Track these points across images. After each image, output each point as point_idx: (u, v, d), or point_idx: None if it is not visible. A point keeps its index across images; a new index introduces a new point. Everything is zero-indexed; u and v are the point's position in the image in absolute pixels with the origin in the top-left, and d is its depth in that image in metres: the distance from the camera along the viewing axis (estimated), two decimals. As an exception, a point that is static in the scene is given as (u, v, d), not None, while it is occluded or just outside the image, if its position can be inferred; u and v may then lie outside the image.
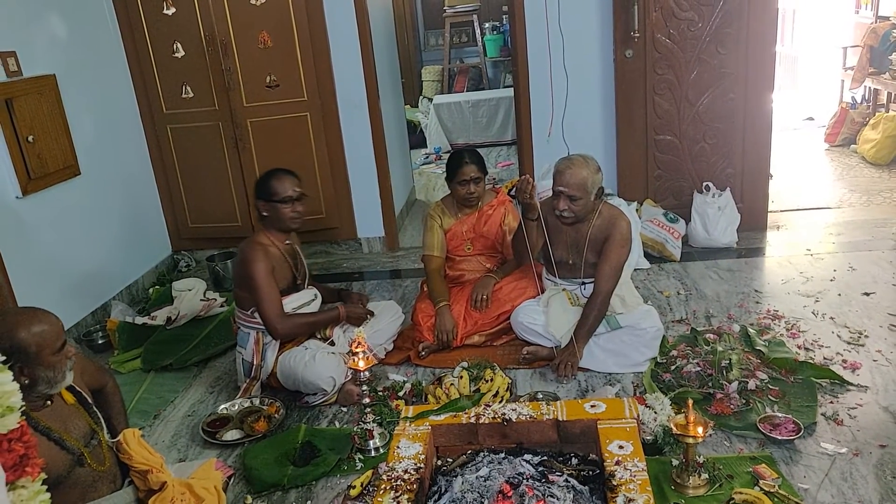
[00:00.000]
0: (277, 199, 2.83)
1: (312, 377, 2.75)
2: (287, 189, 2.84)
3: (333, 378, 2.78)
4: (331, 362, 2.81)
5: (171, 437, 2.77)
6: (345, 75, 4.32)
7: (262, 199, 2.85)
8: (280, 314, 2.81)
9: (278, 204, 2.83)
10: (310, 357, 2.80)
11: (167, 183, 4.62)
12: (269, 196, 2.84)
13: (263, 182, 2.87)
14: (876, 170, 5.46)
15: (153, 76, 4.39)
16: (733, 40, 3.97)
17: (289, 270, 2.92)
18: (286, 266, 2.91)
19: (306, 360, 2.79)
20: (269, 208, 2.85)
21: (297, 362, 2.80)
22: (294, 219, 2.87)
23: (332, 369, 2.78)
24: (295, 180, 2.88)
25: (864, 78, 6.16)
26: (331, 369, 2.78)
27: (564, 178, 2.81)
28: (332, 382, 2.78)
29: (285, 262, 2.91)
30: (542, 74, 4.23)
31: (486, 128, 7.75)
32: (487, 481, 2.07)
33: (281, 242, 2.91)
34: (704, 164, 4.22)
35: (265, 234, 2.89)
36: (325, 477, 2.38)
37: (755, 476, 2.13)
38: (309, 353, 2.83)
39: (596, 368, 2.90)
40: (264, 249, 2.83)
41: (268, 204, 2.84)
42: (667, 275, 3.83)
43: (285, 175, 2.89)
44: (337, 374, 2.79)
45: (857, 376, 2.67)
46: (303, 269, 3.03)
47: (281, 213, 2.84)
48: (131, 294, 4.20)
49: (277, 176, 2.87)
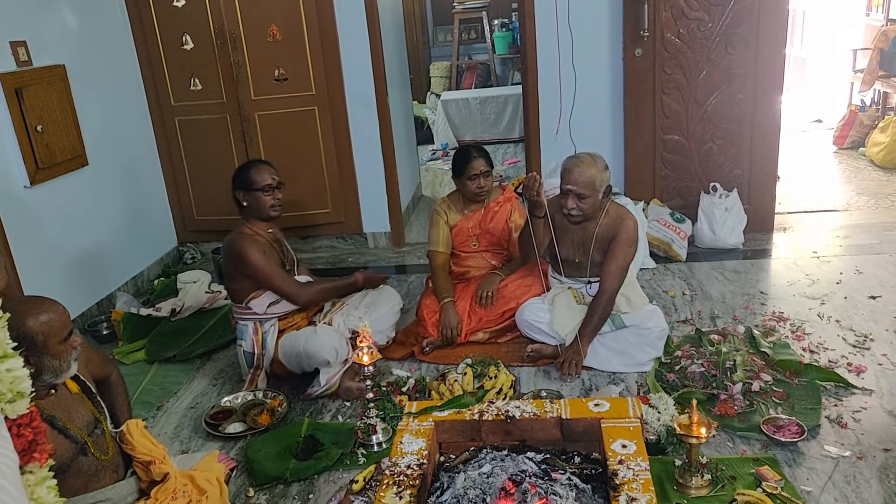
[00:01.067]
0: (257, 188, 2.86)
1: (316, 348, 2.77)
2: (266, 178, 2.87)
3: (336, 348, 2.79)
4: (333, 333, 2.85)
5: (174, 428, 2.78)
6: (353, 70, 4.32)
7: (242, 189, 2.88)
8: (296, 283, 2.91)
9: (258, 193, 2.86)
10: (311, 331, 2.85)
11: (174, 175, 4.63)
12: (248, 186, 2.87)
13: (241, 172, 2.91)
14: (884, 173, 5.44)
15: (162, 68, 4.40)
16: (743, 41, 3.96)
17: (277, 257, 2.94)
18: (274, 253, 2.93)
19: (308, 334, 2.83)
20: (249, 198, 2.88)
21: (299, 337, 2.84)
22: (274, 207, 2.90)
23: (334, 339, 2.81)
24: (273, 169, 2.93)
25: (874, 81, 6.13)
26: (333, 339, 2.80)
27: (573, 176, 2.80)
28: (334, 353, 2.78)
29: (273, 250, 2.93)
30: (550, 72, 4.22)
31: (493, 125, 7.74)
32: (490, 478, 2.07)
33: (264, 231, 2.94)
34: (712, 165, 4.20)
35: (247, 224, 2.92)
36: (327, 471, 2.38)
37: (758, 478, 2.13)
38: (310, 328, 2.89)
39: (600, 367, 2.90)
40: (251, 238, 2.86)
41: (247, 193, 2.87)
42: (672, 275, 3.82)
43: (262, 164, 2.94)
44: (339, 345, 2.81)
45: (861, 380, 2.66)
46: (290, 255, 3.05)
47: (261, 201, 2.87)
48: (136, 285, 4.21)
49: (255, 165, 2.93)
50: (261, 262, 2.82)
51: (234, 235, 2.89)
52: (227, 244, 2.90)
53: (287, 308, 2.94)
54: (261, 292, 2.89)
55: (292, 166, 4.29)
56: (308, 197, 4.51)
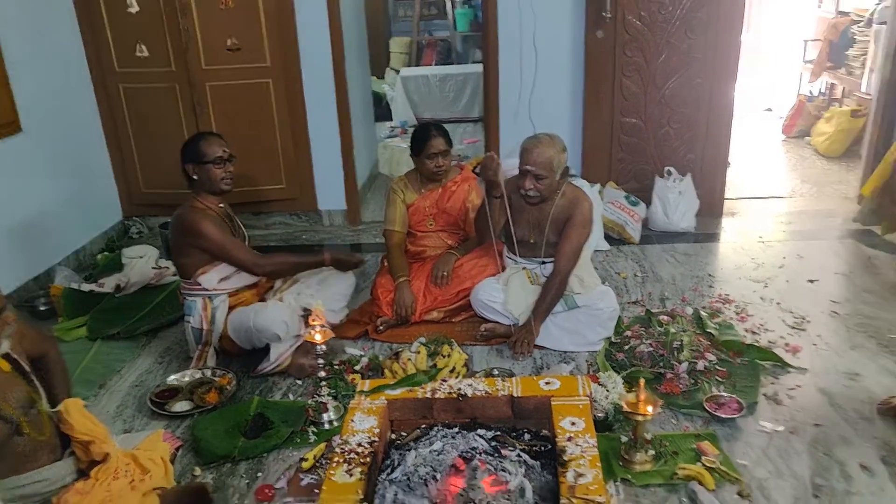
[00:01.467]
0: (207, 160, 2.78)
1: (265, 322, 2.72)
2: (216, 150, 2.80)
3: (286, 322, 2.75)
4: (283, 307, 2.82)
5: (117, 407, 2.70)
6: (310, 42, 4.21)
7: (191, 162, 2.80)
8: (256, 254, 2.86)
9: (208, 166, 2.79)
10: (261, 305, 2.81)
11: (119, 145, 4.46)
12: (198, 158, 2.79)
13: (190, 145, 2.83)
14: (828, 162, 5.60)
15: (104, 32, 4.20)
16: (702, 26, 4.00)
17: (229, 233, 2.87)
18: (226, 228, 2.86)
19: (257, 308, 2.78)
20: (199, 171, 2.80)
21: (248, 311, 2.78)
22: (225, 180, 2.83)
23: (284, 314, 2.76)
24: (223, 141, 2.86)
25: (822, 72, 6.28)
26: (283, 313, 2.76)
27: (531, 156, 2.80)
28: (284, 327, 2.74)
29: (225, 224, 2.86)
30: (511, 51, 4.20)
31: (452, 103, 7.69)
32: (441, 455, 2.08)
33: (215, 205, 2.86)
34: (667, 149, 4.26)
35: (198, 198, 2.84)
36: (276, 449, 2.35)
37: (698, 453, 2.19)
38: (259, 304, 2.84)
39: (552, 346, 2.93)
40: (203, 212, 2.79)
41: (197, 167, 2.80)
42: (625, 257, 3.88)
43: (213, 136, 2.87)
44: (290, 318, 2.77)
45: (797, 359, 2.76)
46: (241, 231, 2.99)
47: (211, 175, 2.79)
48: (78, 260, 4.07)
49: (205, 137, 2.85)
50: (216, 234, 2.75)
51: (184, 209, 2.81)
52: (177, 218, 2.81)
53: (238, 283, 2.89)
54: (211, 267, 2.82)
55: (245, 140, 4.19)
56: (261, 172, 4.41)
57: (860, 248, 3.81)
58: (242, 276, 2.90)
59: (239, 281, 2.89)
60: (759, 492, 2.05)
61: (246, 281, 2.92)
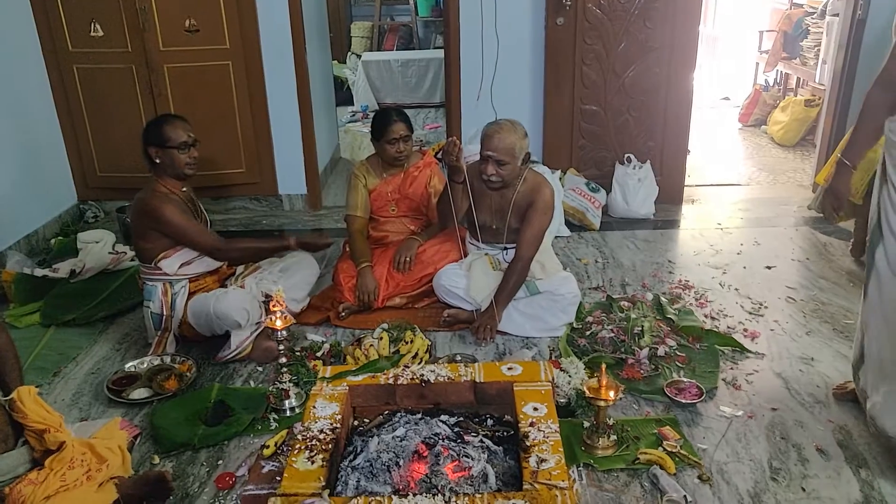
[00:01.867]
0: (171, 145, 2.73)
1: (225, 309, 2.68)
2: (181, 134, 2.75)
3: (247, 310, 2.72)
4: (243, 294, 2.78)
5: (73, 395, 2.64)
6: (270, 25, 4.14)
7: (155, 146, 2.75)
8: (219, 238, 2.85)
9: (173, 150, 2.74)
10: (221, 292, 2.78)
11: (73, 127, 4.33)
12: (162, 142, 2.74)
13: (154, 128, 2.77)
14: (783, 150, 5.74)
15: (57, 10, 4.06)
16: (660, 16, 4.04)
17: (192, 217, 2.83)
18: (189, 212, 2.82)
19: (217, 295, 2.74)
20: (163, 155, 2.75)
21: (209, 298, 2.74)
22: (189, 165, 2.78)
23: (244, 301, 2.73)
24: (188, 125, 2.81)
25: (777, 62, 6.41)
26: (244, 301, 2.73)
27: (493, 142, 2.80)
28: (245, 314, 2.71)
29: (187, 209, 2.82)
30: (473, 37, 4.19)
31: (414, 88, 7.65)
32: (403, 441, 2.08)
33: (178, 190, 2.82)
34: (627, 137, 4.31)
35: (160, 182, 2.79)
36: (237, 436, 2.33)
37: (660, 437, 2.23)
38: (220, 290, 2.81)
39: (514, 332, 2.95)
40: (166, 196, 2.75)
41: (161, 150, 2.74)
42: (586, 243, 3.92)
43: (177, 120, 2.81)
44: (250, 306, 2.74)
45: (755, 344, 2.83)
46: (203, 216, 2.95)
47: (176, 159, 2.75)
48: (30, 244, 3.95)
49: (169, 121, 2.79)
50: (178, 218, 2.71)
51: (145, 193, 2.75)
52: (139, 202, 2.75)
53: (199, 269, 2.84)
54: (172, 252, 2.77)
55: (205, 123, 4.09)
56: (221, 156, 4.33)
57: (815, 235, 3.92)
58: (204, 262, 2.86)
59: (200, 266, 2.85)
60: (718, 475, 2.09)
61: (207, 267, 2.87)
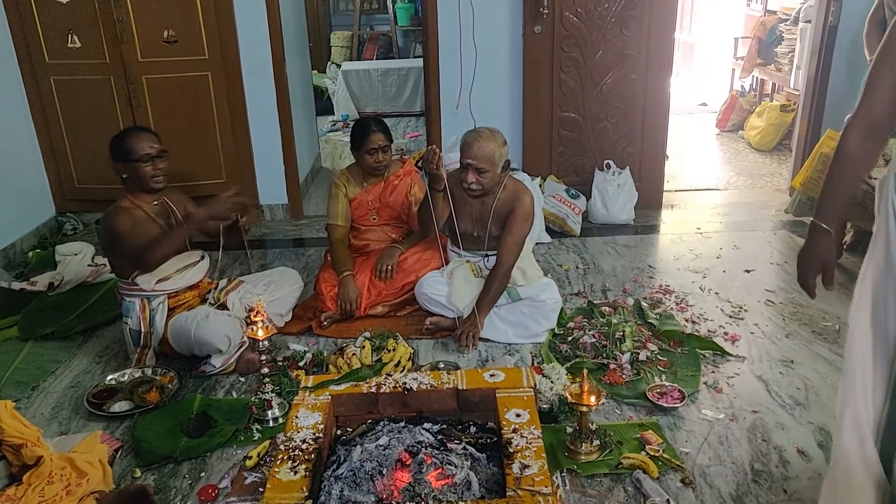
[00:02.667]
0: (135, 158, 2.67)
1: (206, 335, 2.65)
2: (144, 147, 2.69)
3: (228, 337, 2.69)
4: (225, 321, 2.73)
5: (52, 409, 2.60)
6: (249, 35, 4.14)
7: (120, 161, 2.69)
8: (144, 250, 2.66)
9: (137, 164, 2.68)
10: (203, 316, 2.71)
11: (50, 139, 4.29)
12: (125, 156, 2.68)
13: (117, 142, 2.71)
14: (760, 155, 5.82)
15: (34, 21, 4.03)
16: (636, 23, 4.09)
17: (156, 231, 2.74)
18: (155, 228, 2.74)
19: (199, 319, 2.69)
20: (128, 169, 2.69)
21: (190, 322, 2.69)
22: (156, 178, 2.72)
23: (226, 327, 2.69)
24: (153, 136, 2.75)
25: (753, 68, 6.51)
26: (225, 327, 2.69)
27: (472, 150, 2.82)
28: (227, 341, 2.69)
29: (154, 224, 2.75)
30: (451, 46, 4.21)
31: (394, 97, 7.67)
32: (387, 450, 2.08)
33: (148, 204, 2.76)
34: (606, 143, 4.35)
35: (129, 197, 2.73)
36: (220, 448, 2.31)
37: (642, 442, 2.24)
38: (202, 313, 2.74)
39: (496, 339, 2.95)
40: (128, 213, 2.69)
41: (126, 165, 2.69)
42: (567, 249, 3.94)
43: (141, 132, 2.75)
44: (232, 332, 2.71)
45: (736, 347, 2.85)
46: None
47: (141, 172, 2.69)
48: (7, 257, 3.90)
49: (132, 134, 2.73)
50: (123, 232, 2.63)
51: (110, 209, 2.71)
52: (102, 218, 2.73)
53: (177, 285, 2.80)
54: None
55: (184, 134, 4.09)
56: (201, 166, 4.31)
57: (793, 239, 3.97)
58: (183, 278, 2.82)
59: (178, 282, 2.80)
60: (701, 478, 2.11)
61: (187, 282, 2.83)
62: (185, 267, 2.83)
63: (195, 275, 2.88)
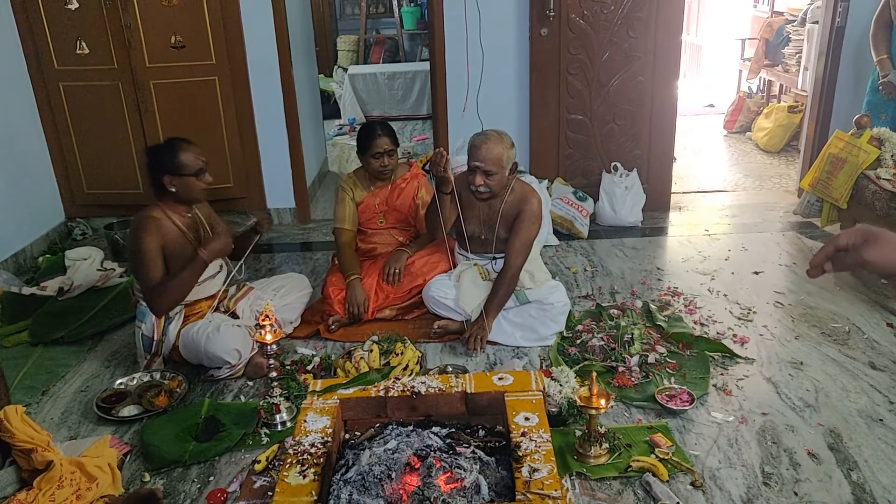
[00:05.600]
0: (188, 172, 2.66)
1: (216, 349, 2.65)
2: (197, 161, 2.69)
3: (238, 350, 2.69)
4: (235, 334, 2.72)
5: (62, 413, 2.62)
6: (256, 40, 4.16)
7: (171, 174, 2.66)
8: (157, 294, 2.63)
9: (190, 178, 2.67)
10: (213, 329, 2.70)
11: (59, 145, 4.32)
12: (178, 170, 2.65)
13: (168, 156, 2.67)
14: (768, 156, 5.79)
15: (43, 28, 4.07)
16: (643, 25, 4.09)
17: (187, 245, 2.74)
18: (183, 241, 2.73)
19: (209, 332, 2.68)
20: (178, 183, 2.67)
21: (200, 335, 2.69)
22: (204, 191, 2.74)
23: (236, 341, 2.70)
24: (197, 149, 2.75)
25: (760, 69, 6.49)
26: (236, 341, 2.69)
27: (480, 153, 2.82)
28: (237, 355, 2.69)
29: (182, 237, 2.74)
30: (458, 49, 4.21)
31: (401, 101, 7.68)
32: (395, 454, 2.07)
33: (180, 215, 2.75)
34: (613, 145, 4.34)
35: (162, 207, 2.71)
36: (228, 452, 2.31)
37: (651, 444, 2.23)
38: (213, 325, 2.73)
39: (504, 342, 2.95)
40: (157, 224, 2.66)
41: (177, 179, 2.66)
42: (574, 252, 3.93)
43: (189, 145, 2.73)
44: (242, 346, 2.71)
45: (745, 350, 2.84)
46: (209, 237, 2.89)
47: (192, 187, 2.68)
48: (18, 263, 3.92)
49: (181, 147, 2.70)
50: (144, 247, 2.60)
51: (140, 216, 2.67)
52: (132, 223, 2.70)
53: (196, 296, 2.80)
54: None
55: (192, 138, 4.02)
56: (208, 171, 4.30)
57: (801, 240, 3.95)
58: (203, 289, 2.81)
59: (197, 294, 2.80)
60: (711, 481, 2.10)
61: (206, 293, 2.83)
62: (206, 280, 2.82)
63: (214, 286, 2.88)
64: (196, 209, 2.84)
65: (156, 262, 2.64)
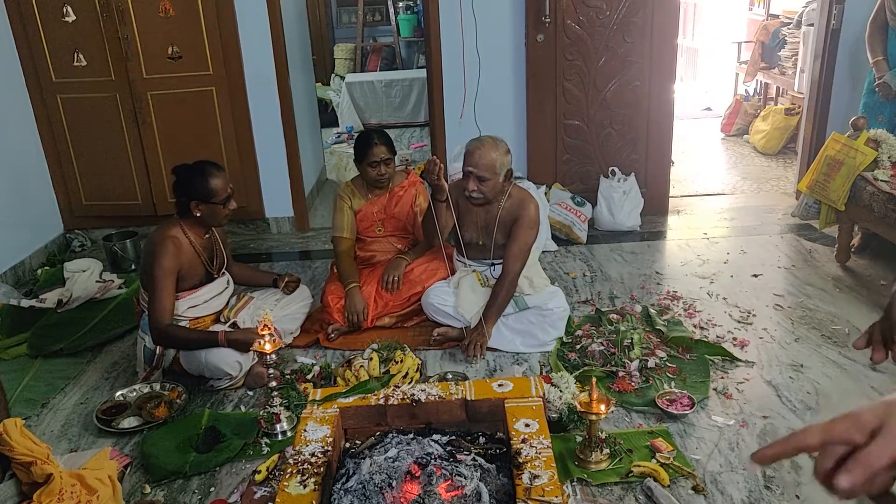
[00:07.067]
0: (217, 200, 2.66)
1: (217, 361, 2.66)
2: (225, 189, 2.68)
3: (239, 363, 2.70)
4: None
5: (62, 426, 2.61)
6: (252, 49, 4.17)
7: (198, 200, 2.64)
8: (162, 320, 2.61)
9: (217, 205, 2.67)
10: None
11: (58, 156, 4.33)
12: (207, 198, 2.64)
13: (198, 182, 2.64)
14: (765, 159, 5.80)
15: (40, 41, 4.08)
16: (639, 30, 4.10)
17: (200, 266, 2.77)
18: (198, 262, 2.76)
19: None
20: (206, 209, 2.66)
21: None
22: (229, 216, 2.75)
23: (237, 353, 2.70)
24: (226, 174, 2.73)
25: (756, 72, 6.50)
26: (236, 353, 2.69)
27: (473, 158, 2.82)
28: (237, 367, 2.70)
29: (197, 258, 2.76)
30: (454, 56, 4.23)
31: (399, 108, 7.69)
32: (396, 462, 2.07)
33: (199, 237, 2.76)
34: (611, 150, 4.34)
35: (182, 225, 2.70)
36: (229, 462, 2.31)
37: (652, 449, 2.23)
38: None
39: (504, 348, 2.95)
40: (175, 244, 2.65)
41: (206, 205, 2.65)
42: (573, 257, 3.93)
43: (218, 171, 2.70)
44: (243, 357, 2.71)
45: (745, 353, 2.84)
46: (220, 259, 2.89)
47: (218, 213, 2.69)
48: (16, 275, 3.92)
49: (211, 173, 2.66)
50: (161, 272, 2.59)
51: (160, 234, 2.66)
52: (150, 238, 2.70)
53: (205, 312, 2.81)
54: (185, 294, 2.73)
55: (189, 149, 4.09)
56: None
57: (800, 242, 3.95)
58: (210, 305, 2.83)
59: (206, 309, 2.82)
60: (712, 486, 2.10)
61: (213, 309, 2.84)
62: (212, 297, 2.84)
63: (221, 302, 2.90)
64: (214, 230, 2.85)
65: (169, 289, 2.63)
